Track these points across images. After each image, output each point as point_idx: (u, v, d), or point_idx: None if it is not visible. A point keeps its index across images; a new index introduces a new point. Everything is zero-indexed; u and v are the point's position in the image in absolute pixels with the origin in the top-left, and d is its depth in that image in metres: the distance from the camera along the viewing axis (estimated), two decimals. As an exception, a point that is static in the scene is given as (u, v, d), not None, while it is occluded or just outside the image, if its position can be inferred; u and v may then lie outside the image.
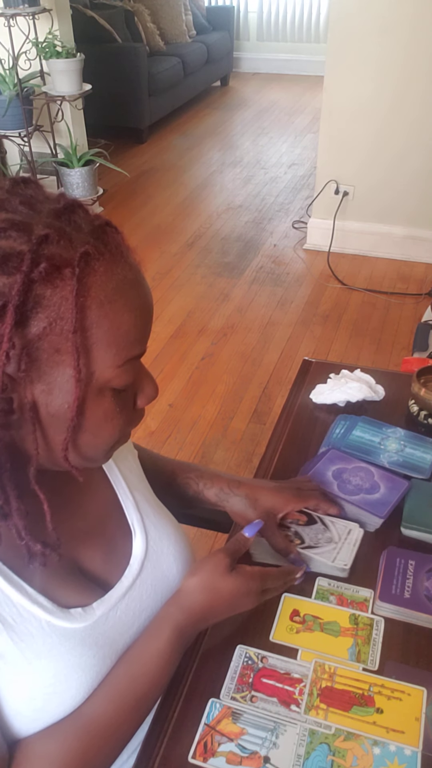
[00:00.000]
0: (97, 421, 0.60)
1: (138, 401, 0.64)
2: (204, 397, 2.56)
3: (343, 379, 1.21)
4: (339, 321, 3.00)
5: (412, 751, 0.70)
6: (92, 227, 0.57)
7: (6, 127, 3.34)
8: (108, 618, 0.70)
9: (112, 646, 0.69)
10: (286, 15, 7.11)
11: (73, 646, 0.65)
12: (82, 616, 0.67)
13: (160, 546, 0.78)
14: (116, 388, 0.59)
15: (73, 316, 0.53)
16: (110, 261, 0.56)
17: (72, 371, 0.55)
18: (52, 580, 0.66)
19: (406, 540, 0.94)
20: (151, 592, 0.75)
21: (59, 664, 0.64)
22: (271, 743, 0.71)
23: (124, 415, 0.62)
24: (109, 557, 0.74)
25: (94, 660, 0.66)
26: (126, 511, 0.78)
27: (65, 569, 0.69)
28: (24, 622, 0.62)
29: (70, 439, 0.59)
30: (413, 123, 3.08)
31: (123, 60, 4.84)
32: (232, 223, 3.94)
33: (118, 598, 0.72)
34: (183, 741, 0.71)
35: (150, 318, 0.61)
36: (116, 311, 0.56)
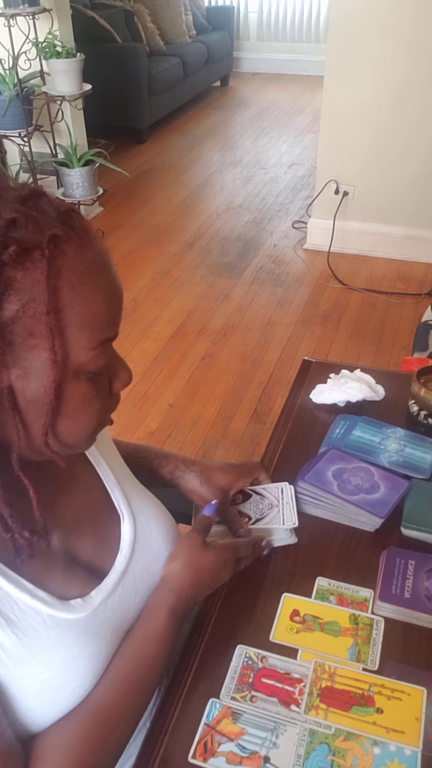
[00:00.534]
0: (75, 406, 0.60)
1: (113, 386, 0.65)
2: (204, 397, 2.56)
3: (343, 379, 1.21)
4: (339, 321, 3.00)
5: (412, 751, 0.70)
6: (58, 213, 0.57)
7: (6, 127, 3.34)
8: (107, 605, 0.71)
9: (114, 631, 0.70)
10: (286, 15, 7.11)
11: (76, 637, 0.66)
12: (82, 606, 0.68)
13: (147, 529, 0.79)
14: (92, 371, 0.59)
15: (45, 297, 0.54)
16: (79, 244, 0.57)
17: (47, 354, 0.55)
18: (48, 573, 0.67)
19: (406, 540, 0.94)
20: (144, 574, 0.76)
21: (65, 656, 0.64)
22: (271, 743, 0.71)
23: (101, 399, 0.62)
24: (101, 544, 0.75)
25: (97, 648, 0.67)
26: (113, 497, 0.78)
27: (60, 560, 0.70)
28: (26, 617, 0.63)
29: (50, 424, 0.59)
30: (413, 123, 3.08)
31: (123, 60, 4.84)
32: (232, 223, 3.95)
33: (114, 583, 0.72)
34: (183, 741, 0.71)
35: (120, 301, 0.61)
36: (88, 293, 0.57)
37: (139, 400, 2.53)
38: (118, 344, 0.63)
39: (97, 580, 0.72)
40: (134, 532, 0.77)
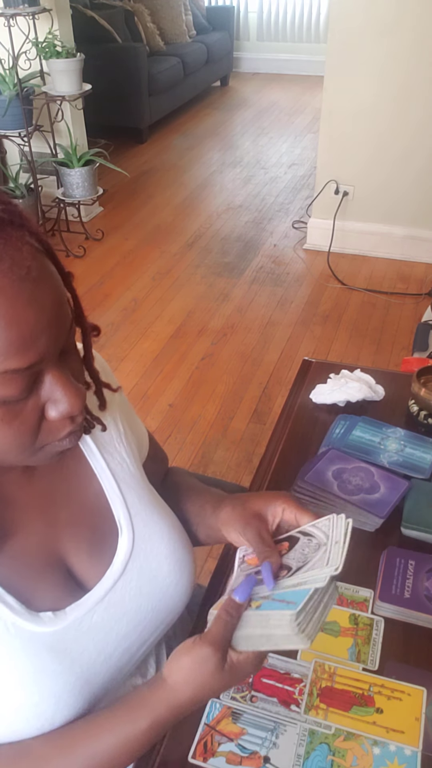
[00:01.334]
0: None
1: (49, 412, 0.58)
2: (204, 397, 2.56)
3: (343, 379, 1.21)
4: (339, 321, 3.00)
5: (412, 751, 0.70)
6: None
7: (6, 127, 3.34)
8: (82, 623, 0.66)
9: (84, 653, 0.66)
10: (286, 15, 7.11)
11: (38, 651, 0.63)
12: (52, 621, 0.65)
13: (149, 545, 0.73)
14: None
15: None
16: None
17: None
18: (22, 579, 0.65)
19: (406, 540, 0.94)
20: (135, 594, 0.71)
21: (24, 668, 0.62)
22: (271, 743, 0.71)
23: (17, 426, 0.56)
24: (94, 553, 0.71)
25: (60, 667, 0.63)
26: (113, 508, 0.73)
27: (47, 563, 0.67)
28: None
29: None
30: (413, 123, 3.08)
31: (123, 60, 4.84)
32: (232, 223, 3.95)
33: (96, 601, 0.68)
34: (183, 741, 0.71)
35: (33, 328, 0.53)
36: None
37: (139, 400, 2.53)
38: (119, 345, 0.62)
39: (79, 593, 0.68)
40: (131, 548, 0.72)
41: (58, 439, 0.59)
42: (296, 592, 0.63)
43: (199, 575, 1.68)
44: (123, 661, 0.70)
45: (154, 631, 0.73)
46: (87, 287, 3.25)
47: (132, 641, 0.70)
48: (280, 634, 0.60)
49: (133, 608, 0.70)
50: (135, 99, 4.98)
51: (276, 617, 0.61)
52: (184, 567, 0.76)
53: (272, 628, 0.61)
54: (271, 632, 0.61)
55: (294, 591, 0.63)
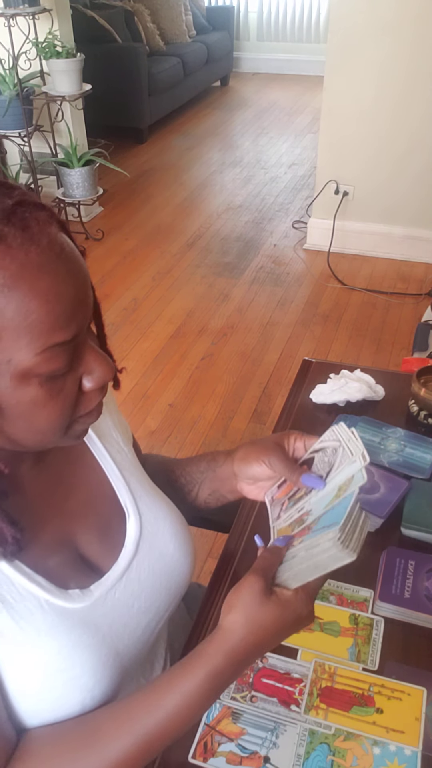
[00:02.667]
0: (26, 409, 0.57)
1: (85, 383, 0.60)
2: (204, 397, 2.56)
3: (343, 379, 1.21)
4: (339, 321, 3.00)
5: (412, 751, 0.70)
6: (2, 208, 0.53)
7: (6, 127, 3.34)
8: (106, 599, 0.69)
9: (112, 626, 0.69)
10: (286, 15, 7.11)
11: (73, 626, 0.65)
12: (80, 597, 0.67)
13: (155, 527, 0.77)
14: (42, 374, 0.56)
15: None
16: (13, 245, 0.52)
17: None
18: (47, 562, 0.67)
19: (406, 540, 0.94)
20: (149, 573, 0.74)
21: (60, 642, 0.64)
22: (271, 743, 0.71)
23: (62, 400, 0.59)
24: (104, 538, 0.74)
25: (94, 640, 0.66)
26: (118, 494, 0.77)
27: (60, 551, 0.69)
28: (23, 600, 0.63)
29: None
30: (413, 123, 3.08)
31: (123, 60, 4.84)
32: (232, 223, 3.95)
33: (116, 579, 0.71)
34: (183, 741, 0.71)
35: (77, 301, 0.56)
36: (20, 298, 0.52)
37: (139, 400, 2.53)
38: (119, 345, 0.63)
39: (97, 576, 0.71)
40: (140, 530, 0.76)
41: (89, 411, 0.62)
42: (334, 511, 0.63)
43: (199, 575, 1.68)
44: (146, 636, 0.73)
45: (167, 607, 0.77)
46: (87, 287, 3.24)
47: (151, 617, 0.73)
48: (327, 556, 0.60)
49: (148, 585, 0.74)
50: (135, 99, 4.98)
51: (319, 542, 0.61)
52: (187, 547, 0.79)
53: (317, 555, 0.61)
54: (317, 558, 0.61)
55: (332, 511, 0.64)
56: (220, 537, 1.75)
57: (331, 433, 0.74)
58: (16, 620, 0.62)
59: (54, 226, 0.56)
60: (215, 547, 1.83)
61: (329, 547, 0.60)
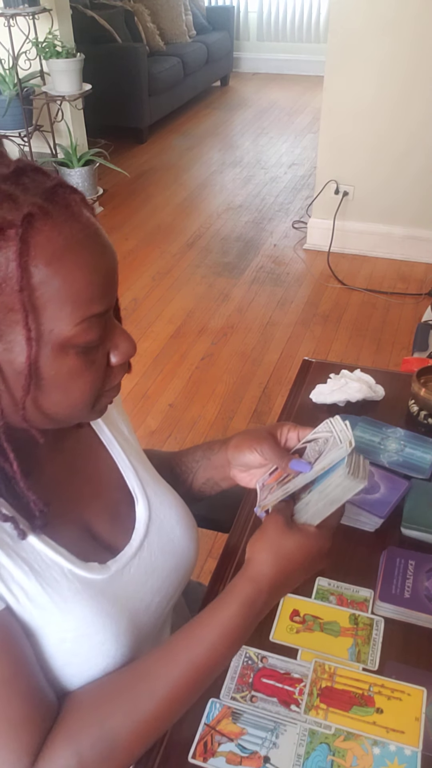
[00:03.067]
0: (63, 379, 0.60)
1: (112, 358, 0.64)
2: (204, 397, 2.56)
3: (343, 379, 1.21)
4: (339, 321, 3.00)
5: (412, 751, 0.70)
6: (42, 189, 0.57)
7: (6, 127, 3.34)
8: (123, 575, 0.72)
9: (129, 600, 0.71)
10: (286, 15, 7.11)
11: (94, 594, 0.68)
12: (99, 570, 0.70)
13: (161, 511, 0.80)
14: (79, 345, 0.60)
15: (18, 275, 0.54)
16: (58, 220, 0.57)
17: (24, 330, 0.57)
18: (66, 538, 0.69)
19: (406, 540, 0.94)
20: (159, 554, 0.77)
21: (85, 609, 0.66)
22: (271, 743, 0.71)
23: (94, 372, 0.63)
24: (115, 520, 0.76)
25: (115, 609, 0.69)
26: (126, 479, 0.80)
27: (76, 530, 0.71)
28: (48, 569, 0.65)
29: (32, 397, 0.60)
30: (413, 123, 3.08)
31: (123, 60, 4.84)
32: (232, 223, 3.94)
33: (130, 557, 0.74)
34: (183, 741, 0.71)
35: (109, 276, 0.61)
36: (66, 269, 0.57)
37: (139, 399, 2.53)
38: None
39: (111, 554, 0.73)
40: (149, 513, 0.78)
41: (114, 386, 0.66)
42: (331, 468, 0.71)
43: (199, 575, 1.68)
44: (157, 614, 0.76)
45: (176, 588, 0.79)
46: (87, 287, 3.24)
47: (162, 596, 0.76)
48: (340, 489, 0.68)
49: (159, 565, 0.76)
50: (135, 99, 4.98)
51: (330, 482, 0.69)
52: (192, 531, 0.82)
53: (331, 492, 0.69)
54: (332, 494, 0.69)
55: (328, 470, 0.71)
56: (220, 537, 1.75)
57: (325, 425, 0.78)
58: (44, 587, 0.64)
59: (86, 207, 0.61)
60: (215, 547, 1.83)
61: (341, 481, 0.68)
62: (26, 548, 0.65)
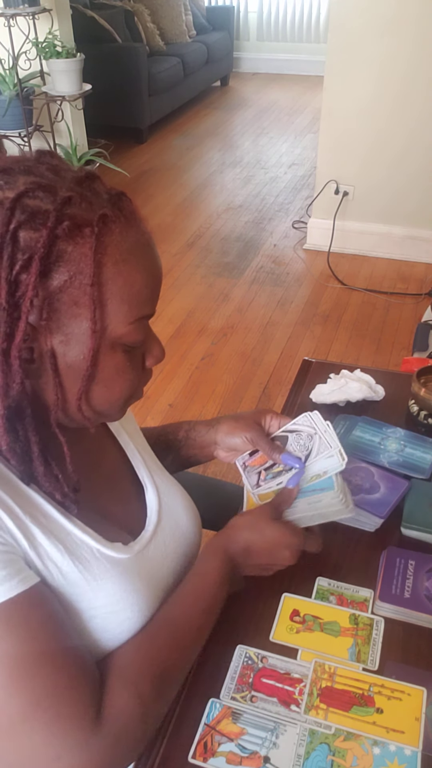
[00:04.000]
0: (110, 375, 0.65)
1: (147, 361, 0.70)
2: (204, 397, 2.56)
3: (343, 379, 1.21)
4: (339, 321, 3.00)
5: (412, 751, 0.70)
6: (109, 195, 0.63)
7: (6, 127, 3.34)
8: (143, 555, 0.75)
9: (153, 579, 0.75)
10: (286, 15, 7.11)
11: (122, 572, 0.70)
12: (124, 550, 0.72)
13: (169, 499, 0.84)
14: (128, 344, 0.65)
15: (91, 270, 0.59)
16: (125, 224, 0.62)
17: (88, 323, 0.61)
18: (92, 522, 0.71)
19: (406, 540, 0.94)
20: (170, 540, 0.80)
21: (114, 586, 0.69)
22: (271, 743, 0.71)
23: (134, 372, 0.68)
24: (128, 509, 0.80)
25: (141, 584, 0.72)
26: (136, 469, 0.84)
27: (98, 515, 0.74)
28: (78, 548, 0.68)
29: (85, 389, 0.64)
30: (413, 123, 3.08)
31: (123, 60, 4.84)
32: (232, 223, 3.94)
33: (148, 540, 0.77)
34: (183, 741, 0.71)
35: (159, 282, 0.67)
36: (129, 270, 0.62)
37: (139, 399, 2.53)
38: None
39: (131, 537, 0.76)
40: (158, 500, 0.82)
41: (140, 389, 0.72)
42: (322, 480, 0.83)
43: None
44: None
45: (185, 573, 0.81)
46: (87, 287, 3.25)
47: (174, 579, 0.80)
48: (331, 510, 0.83)
49: (172, 550, 0.80)
50: (135, 99, 4.98)
51: (322, 499, 0.82)
52: (196, 518, 0.87)
53: (321, 508, 0.82)
54: (322, 511, 0.83)
55: (320, 481, 0.83)
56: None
57: (305, 418, 0.90)
58: (76, 565, 0.66)
59: (142, 216, 0.66)
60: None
61: (334, 504, 0.82)
62: (58, 528, 0.67)
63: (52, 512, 0.67)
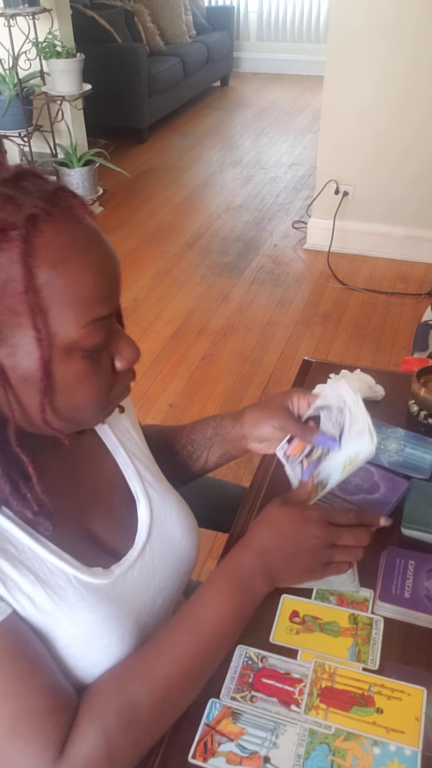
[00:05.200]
0: (70, 383, 0.60)
1: (116, 363, 0.64)
2: (204, 397, 2.56)
3: (343, 379, 1.21)
4: (339, 321, 3.00)
5: (412, 751, 0.70)
6: (43, 192, 0.57)
7: (6, 127, 3.34)
8: (126, 578, 0.72)
9: (134, 603, 0.72)
10: (286, 15, 7.11)
11: (100, 600, 0.68)
12: (104, 574, 0.70)
13: (163, 512, 0.80)
14: (85, 349, 0.59)
15: (22, 276, 0.54)
16: (61, 222, 0.57)
17: (32, 332, 0.56)
18: (70, 544, 0.69)
19: (406, 540, 0.94)
20: (160, 557, 0.77)
21: (91, 614, 0.67)
22: (271, 743, 0.71)
23: (100, 377, 0.62)
24: (116, 525, 0.76)
25: (121, 612, 0.69)
26: (128, 480, 0.80)
27: (79, 536, 0.71)
28: (54, 576, 0.65)
29: (45, 401, 0.60)
30: (413, 122, 3.08)
31: (123, 60, 4.84)
32: (232, 223, 3.94)
33: (132, 561, 0.74)
34: (183, 741, 0.71)
35: (113, 278, 0.61)
36: (71, 271, 0.56)
37: (139, 400, 2.53)
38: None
39: (113, 558, 0.73)
40: (150, 515, 0.78)
41: (122, 391, 0.66)
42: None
43: (199, 575, 1.68)
44: (160, 616, 0.76)
45: (177, 590, 0.80)
46: (87, 287, 3.25)
47: (164, 597, 0.77)
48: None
49: (161, 568, 0.77)
50: (135, 99, 4.98)
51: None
52: (193, 532, 0.83)
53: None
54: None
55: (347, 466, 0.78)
56: (220, 537, 1.75)
57: (331, 389, 0.83)
58: (50, 595, 0.64)
59: (87, 211, 0.61)
60: (215, 547, 1.83)
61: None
62: (31, 556, 0.64)
63: (24, 539, 0.64)
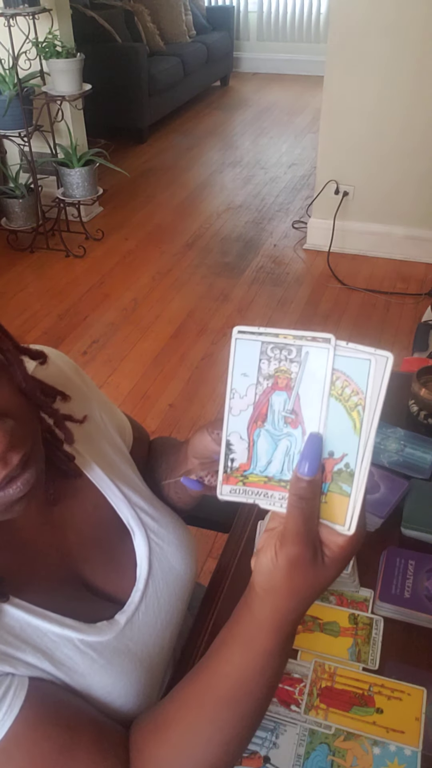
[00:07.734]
0: None
1: None
2: (204, 397, 2.55)
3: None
4: (339, 321, 3.00)
5: (412, 751, 0.70)
6: None
7: (6, 127, 3.34)
8: (132, 623, 0.70)
9: (144, 648, 0.70)
10: (286, 15, 7.11)
11: (110, 658, 0.66)
12: (109, 628, 0.67)
13: (161, 536, 0.76)
14: None
15: None
16: None
17: None
18: (71, 601, 0.66)
19: (406, 540, 0.94)
20: (164, 587, 0.74)
21: (103, 678, 0.65)
22: (271, 743, 0.71)
23: None
24: (113, 565, 0.73)
25: (131, 665, 0.67)
26: (118, 511, 0.74)
27: (76, 591, 0.69)
28: (58, 647, 0.62)
29: None
30: (413, 122, 3.08)
31: (123, 60, 4.84)
32: (232, 223, 3.94)
33: (136, 604, 0.71)
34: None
35: None
36: None
37: (139, 400, 2.53)
38: (119, 345, 0.62)
39: (116, 604, 0.70)
40: (148, 545, 0.74)
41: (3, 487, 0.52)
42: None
43: (199, 575, 1.68)
44: (168, 646, 0.74)
45: (182, 614, 0.78)
46: (87, 287, 3.25)
47: (172, 628, 0.75)
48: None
49: (165, 600, 0.74)
50: (135, 99, 4.98)
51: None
52: (191, 552, 0.79)
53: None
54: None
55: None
56: (220, 537, 1.75)
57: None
58: (58, 667, 0.62)
59: None
60: (215, 547, 1.83)
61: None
62: (31, 633, 0.61)
63: (22, 617, 0.61)
